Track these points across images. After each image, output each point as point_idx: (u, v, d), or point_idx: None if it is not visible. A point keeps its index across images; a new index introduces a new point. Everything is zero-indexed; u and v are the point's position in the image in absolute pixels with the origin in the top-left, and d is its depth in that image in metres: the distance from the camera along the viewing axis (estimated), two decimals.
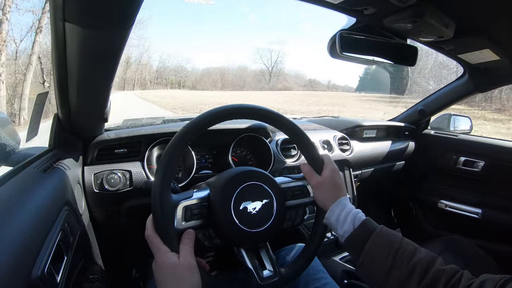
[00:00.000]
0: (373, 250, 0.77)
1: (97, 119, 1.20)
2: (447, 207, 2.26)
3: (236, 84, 65.07)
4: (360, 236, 0.80)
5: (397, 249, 0.75)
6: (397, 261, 0.73)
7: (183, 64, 65.67)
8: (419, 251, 0.74)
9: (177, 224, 0.80)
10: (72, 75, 0.89)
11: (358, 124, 2.13)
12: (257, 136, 1.59)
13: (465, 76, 1.97)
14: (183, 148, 0.83)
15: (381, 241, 0.78)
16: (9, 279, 0.57)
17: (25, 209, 0.74)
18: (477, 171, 2.15)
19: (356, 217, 0.83)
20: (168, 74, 63.29)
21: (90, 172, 1.27)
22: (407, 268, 0.71)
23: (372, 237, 0.78)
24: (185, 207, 0.82)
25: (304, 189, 0.98)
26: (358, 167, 2.04)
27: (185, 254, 0.76)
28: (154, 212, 0.77)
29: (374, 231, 0.79)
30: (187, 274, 0.73)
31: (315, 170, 0.96)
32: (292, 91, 55.41)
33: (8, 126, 1.06)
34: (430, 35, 1.22)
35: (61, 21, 0.67)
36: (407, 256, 0.73)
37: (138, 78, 55.66)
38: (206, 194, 0.87)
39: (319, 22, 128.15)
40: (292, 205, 0.96)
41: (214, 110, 0.86)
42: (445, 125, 2.43)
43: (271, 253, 0.92)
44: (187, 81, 64.04)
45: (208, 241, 0.88)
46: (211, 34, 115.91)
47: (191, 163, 1.41)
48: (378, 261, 0.75)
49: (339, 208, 0.87)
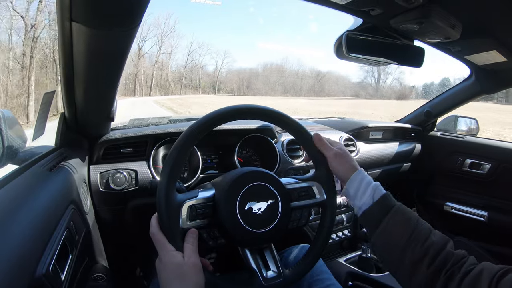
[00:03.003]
0: (390, 226, 0.77)
1: (103, 119, 1.20)
2: (453, 210, 2.24)
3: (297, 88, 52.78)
4: (378, 211, 0.80)
5: (414, 229, 0.74)
6: (412, 241, 0.72)
7: (218, 61, 52.68)
8: (433, 233, 0.74)
9: (182, 223, 0.80)
10: (78, 74, 0.89)
11: (364, 125, 2.12)
12: (263, 136, 1.59)
13: (472, 78, 1.96)
14: (189, 148, 0.83)
15: (398, 218, 0.77)
16: (14, 276, 0.57)
17: (31, 207, 0.75)
18: (483, 174, 2.13)
19: (376, 190, 0.83)
20: (198, 73, 50.38)
21: (96, 171, 1.28)
22: (421, 250, 0.71)
23: (390, 213, 0.78)
24: (190, 207, 0.82)
25: (310, 190, 0.97)
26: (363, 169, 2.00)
27: (190, 253, 0.76)
28: (159, 210, 0.78)
29: (393, 207, 0.79)
30: (192, 273, 0.73)
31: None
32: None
33: (15, 125, 1.06)
34: (437, 36, 1.22)
35: (68, 21, 0.68)
36: (422, 238, 0.73)
37: (157, 77, 43.34)
38: (212, 194, 0.87)
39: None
40: (298, 206, 0.95)
41: (220, 110, 0.86)
42: (451, 126, 2.41)
43: (275, 254, 0.92)
44: (224, 82, 52.27)
45: (213, 241, 0.88)
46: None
47: (196, 163, 1.42)
48: (394, 238, 0.75)
49: (358, 178, 0.86)
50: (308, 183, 0.98)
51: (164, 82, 46.05)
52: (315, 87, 54.19)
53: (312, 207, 0.99)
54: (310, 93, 51.69)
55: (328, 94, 52.49)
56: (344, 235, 1.79)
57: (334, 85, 56.66)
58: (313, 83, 55.48)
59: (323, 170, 0.96)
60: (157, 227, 0.78)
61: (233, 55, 64.80)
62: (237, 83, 55.10)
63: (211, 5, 45.16)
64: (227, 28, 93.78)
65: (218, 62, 53.86)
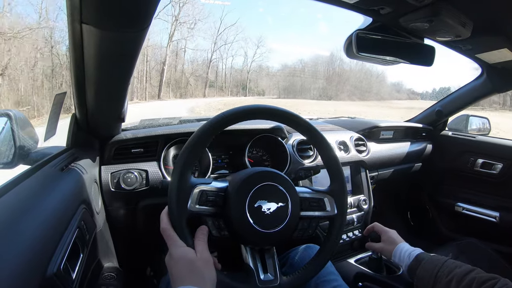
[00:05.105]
0: (422, 273, 1.01)
1: (114, 119, 1.21)
2: (464, 210, 2.21)
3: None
4: (413, 266, 1.05)
5: (439, 268, 0.96)
6: (438, 277, 0.95)
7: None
8: (458, 267, 0.94)
9: (190, 205, 0.82)
10: (89, 75, 0.90)
11: (374, 125, 2.11)
12: (274, 136, 1.59)
13: (483, 76, 1.94)
14: (211, 137, 0.85)
15: (427, 265, 1.01)
16: (26, 275, 0.58)
17: (43, 207, 0.76)
18: (495, 174, 2.11)
19: (411, 254, 1.09)
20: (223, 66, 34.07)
21: (107, 171, 1.29)
22: (446, 280, 0.92)
23: (421, 265, 1.02)
24: (202, 191, 0.84)
25: (321, 202, 0.98)
26: (374, 169, 2.01)
27: (202, 250, 0.77)
28: (171, 190, 0.80)
29: (423, 260, 1.03)
30: (204, 269, 0.74)
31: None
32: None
33: (27, 125, 1.07)
34: (447, 35, 1.21)
35: (78, 22, 0.68)
36: (446, 272, 0.94)
37: (170, 70, 29.00)
38: (225, 185, 0.88)
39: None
40: (307, 216, 0.96)
41: (231, 111, 0.87)
42: (463, 126, 2.37)
43: (276, 258, 0.93)
44: (254, 79, 37.10)
45: (216, 231, 0.88)
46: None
47: (207, 163, 1.42)
48: (425, 280, 0.99)
49: (398, 251, 1.15)
50: (320, 195, 0.99)
51: (179, 77, 30.96)
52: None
53: (320, 219, 1.00)
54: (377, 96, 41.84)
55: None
56: (354, 235, 1.78)
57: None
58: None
59: (338, 184, 0.98)
60: (167, 223, 0.79)
61: (269, 43, 43.03)
62: (279, 82, 39.49)
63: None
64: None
65: (248, 53, 36.53)
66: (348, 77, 39.49)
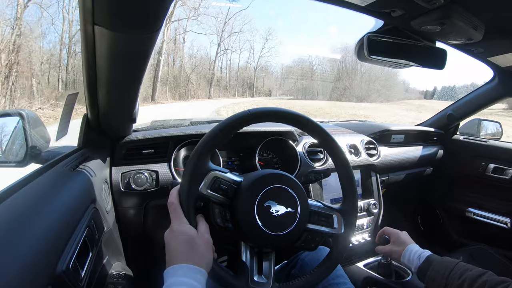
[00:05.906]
0: (432, 274, 1.00)
1: (125, 120, 1.22)
2: (475, 216, 2.19)
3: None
4: (424, 267, 1.05)
5: (450, 271, 0.96)
6: (450, 279, 0.95)
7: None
8: (470, 269, 0.94)
9: (202, 188, 0.83)
10: (101, 76, 0.91)
11: (386, 128, 2.09)
12: (284, 139, 1.59)
13: (495, 80, 1.92)
14: (233, 131, 0.87)
15: (438, 267, 1.01)
16: (36, 271, 0.59)
17: (53, 205, 0.77)
18: (507, 179, 2.08)
19: (421, 255, 1.09)
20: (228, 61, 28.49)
21: (117, 171, 1.30)
22: (458, 283, 0.92)
23: (431, 266, 1.02)
24: (216, 178, 0.85)
25: (330, 218, 0.97)
26: (385, 172, 2.00)
27: (204, 231, 0.79)
28: (186, 170, 0.82)
29: (433, 262, 1.03)
30: (204, 248, 0.75)
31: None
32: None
33: (39, 125, 1.09)
34: (459, 38, 1.20)
35: (91, 24, 0.69)
36: (458, 275, 0.94)
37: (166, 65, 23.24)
38: (240, 180, 0.89)
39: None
40: (312, 229, 0.95)
41: (242, 113, 0.88)
42: (474, 130, 2.35)
43: (273, 264, 0.93)
44: (260, 77, 30.47)
45: (221, 220, 0.87)
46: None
47: (217, 164, 1.42)
48: (437, 282, 0.98)
49: (407, 252, 1.14)
50: (330, 212, 0.98)
51: (178, 74, 24.61)
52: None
53: (325, 235, 0.98)
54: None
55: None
56: (364, 239, 1.77)
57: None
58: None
59: (350, 205, 0.98)
60: (176, 198, 0.81)
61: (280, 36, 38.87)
62: (297, 81, 32.90)
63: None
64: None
65: (254, 46, 30.54)
66: (370, 77, 33.95)
